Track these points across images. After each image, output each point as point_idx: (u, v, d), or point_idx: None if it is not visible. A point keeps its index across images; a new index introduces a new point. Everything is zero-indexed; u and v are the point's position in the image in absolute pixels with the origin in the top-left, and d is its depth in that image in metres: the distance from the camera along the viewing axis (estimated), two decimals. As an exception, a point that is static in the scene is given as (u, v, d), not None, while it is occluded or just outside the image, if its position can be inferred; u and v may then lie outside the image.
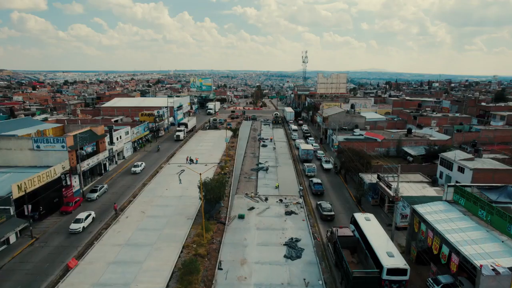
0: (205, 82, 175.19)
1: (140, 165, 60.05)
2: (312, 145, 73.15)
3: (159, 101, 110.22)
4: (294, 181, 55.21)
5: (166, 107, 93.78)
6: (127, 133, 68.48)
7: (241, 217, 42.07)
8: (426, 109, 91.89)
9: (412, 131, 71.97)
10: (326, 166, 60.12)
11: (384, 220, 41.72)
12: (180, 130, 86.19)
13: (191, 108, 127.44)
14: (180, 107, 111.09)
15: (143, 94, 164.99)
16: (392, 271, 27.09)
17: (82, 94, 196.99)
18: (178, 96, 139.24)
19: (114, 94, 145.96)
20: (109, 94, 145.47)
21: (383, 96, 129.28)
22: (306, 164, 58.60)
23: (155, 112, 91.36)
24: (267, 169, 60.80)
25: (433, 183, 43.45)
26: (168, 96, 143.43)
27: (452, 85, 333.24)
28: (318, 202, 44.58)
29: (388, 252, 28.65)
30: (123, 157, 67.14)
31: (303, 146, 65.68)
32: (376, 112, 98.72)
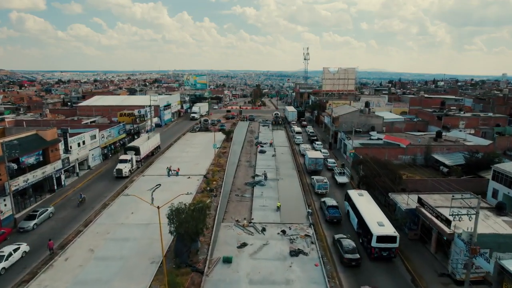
0: (200, 79, 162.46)
1: (12, 254, 28.84)
2: (321, 151, 60.47)
3: (145, 99, 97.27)
4: (300, 201, 42.53)
5: (149, 106, 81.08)
6: (93, 137, 55.80)
7: (228, 260, 29.41)
8: (451, 108, 79.31)
9: (442, 134, 59.22)
10: (340, 180, 47.37)
11: (431, 264, 29.14)
12: (124, 161, 51.04)
13: (182, 107, 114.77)
14: (168, 106, 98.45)
15: (132, 92, 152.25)
16: (381, 239, 28.80)
17: (72, 92, 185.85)
18: (169, 94, 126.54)
19: (98, 92, 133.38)
20: (93, 93, 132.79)
21: (396, 93, 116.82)
22: (315, 178, 45.87)
23: (135, 112, 78.81)
24: (266, 177, 49.12)
25: (499, 210, 30.79)
26: (159, 94, 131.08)
27: (459, 83, 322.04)
28: (337, 237, 31.89)
29: (378, 222, 30.49)
30: (88, 167, 54.45)
31: (311, 153, 52.98)
32: (391, 112, 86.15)
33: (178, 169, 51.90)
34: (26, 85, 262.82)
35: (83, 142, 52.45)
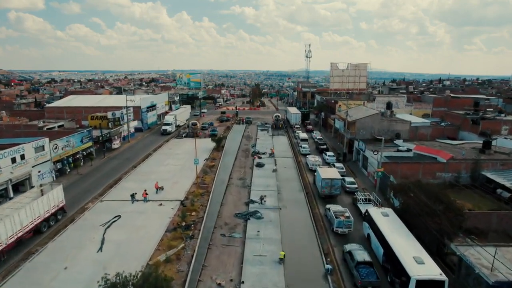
0: (194, 78, 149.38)
1: None
2: (334, 165, 47.79)
3: (132, 98, 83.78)
4: (313, 247, 29.67)
5: (126, 107, 68.26)
6: (40, 148, 42.97)
7: None
8: (487, 109, 66.52)
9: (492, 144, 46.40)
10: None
11: None
12: None
13: (170, 108, 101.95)
14: (152, 107, 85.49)
15: (120, 92, 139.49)
16: (423, 284, 20.74)
17: (57, 92, 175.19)
18: (156, 93, 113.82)
19: (78, 91, 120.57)
20: (71, 92, 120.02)
21: (415, 92, 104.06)
22: (332, 209, 32.94)
23: (109, 114, 66.05)
24: (263, 200, 36.22)
25: None
26: (149, 93, 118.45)
27: (466, 83, 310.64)
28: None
29: (416, 258, 22.55)
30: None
31: (324, 172, 39.81)
32: (411, 114, 73.38)
33: (145, 193, 38.88)
34: (13, 84, 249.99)
35: (22, 157, 39.62)
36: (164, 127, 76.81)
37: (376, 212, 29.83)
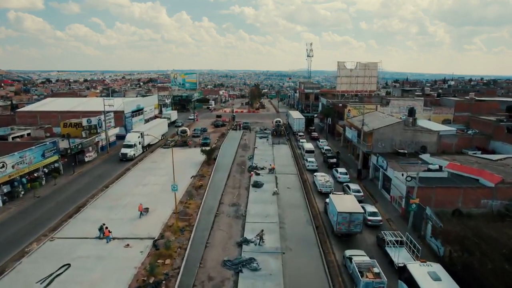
0: (189, 78, 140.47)
1: None
2: (349, 186, 38.86)
3: (110, 102, 74.73)
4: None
5: (104, 112, 59.28)
6: (-21, 169, 34.07)
7: None
8: (522, 115, 57.69)
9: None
10: (401, 260, 25.10)
11: None
12: None
13: (160, 111, 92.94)
14: (138, 112, 76.40)
15: (110, 93, 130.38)
16: None
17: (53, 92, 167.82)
18: (147, 95, 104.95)
19: (63, 93, 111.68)
20: (53, 94, 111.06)
21: (433, 94, 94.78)
22: (354, 260, 23.88)
23: (84, 121, 57.18)
24: (261, 239, 27.03)
25: None
26: (143, 96, 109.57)
27: (472, 83, 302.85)
28: None
29: None
30: (-34, 221, 32.63)
31: (340, 202, 30.25)
32: (430, 120, 64.39)
33: (108, 230, 29.86)
34: (3, 84, 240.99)
35: (-51, 182, 30.71)
36: (123, 150, 53.92)
37: (420, 272, 20.89)
